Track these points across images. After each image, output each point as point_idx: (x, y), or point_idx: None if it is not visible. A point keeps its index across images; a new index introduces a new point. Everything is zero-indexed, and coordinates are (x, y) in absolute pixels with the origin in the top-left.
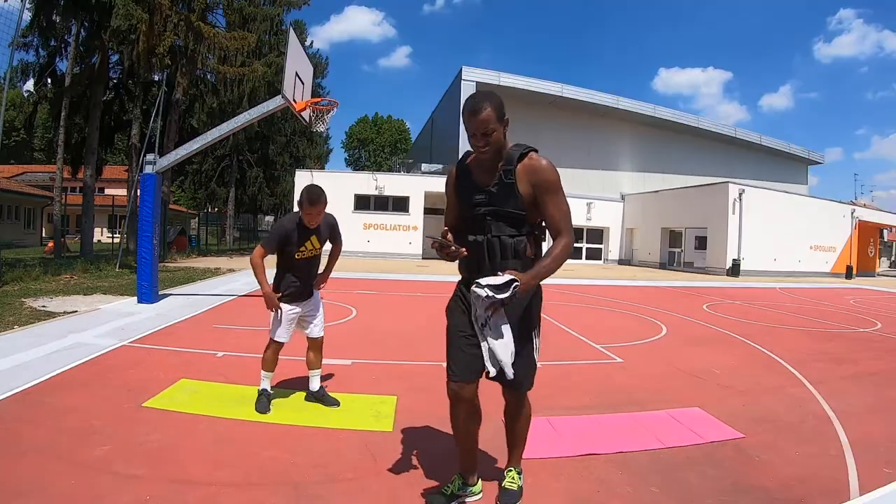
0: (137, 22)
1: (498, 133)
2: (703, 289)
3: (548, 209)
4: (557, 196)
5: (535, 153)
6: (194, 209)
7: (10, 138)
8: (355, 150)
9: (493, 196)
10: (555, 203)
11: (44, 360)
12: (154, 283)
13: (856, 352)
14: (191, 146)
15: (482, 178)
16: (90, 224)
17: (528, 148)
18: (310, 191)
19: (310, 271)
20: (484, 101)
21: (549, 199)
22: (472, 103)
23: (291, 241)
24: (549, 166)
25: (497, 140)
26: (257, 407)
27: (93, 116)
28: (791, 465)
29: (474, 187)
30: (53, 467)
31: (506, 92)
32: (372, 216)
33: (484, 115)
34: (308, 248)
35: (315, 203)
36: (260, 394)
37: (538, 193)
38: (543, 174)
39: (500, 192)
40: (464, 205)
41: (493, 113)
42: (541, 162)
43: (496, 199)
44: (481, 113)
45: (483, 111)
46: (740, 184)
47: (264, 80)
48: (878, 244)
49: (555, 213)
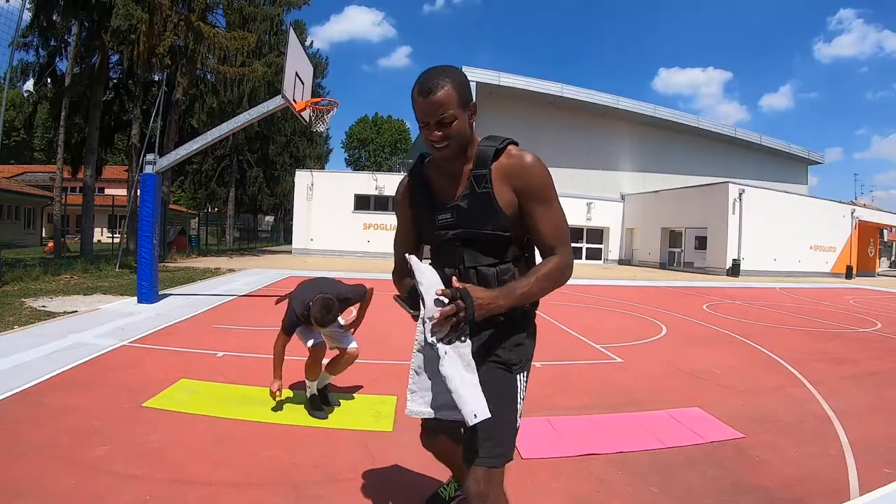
0: (137, 22)
1: (461, 123)
2: (703, 289)
3: (537, 223)
4: (549, 205)
5: (514, 146)
6: (194, 209)
7: (10, 138)
8: (355, 150)
9: (463, 214)
10: (546, 215)
11: (44, 360)
12: (154, 283)
13: (856, 352)
14: (191, 146)
15: (445, 188)
16: (90, 224)
17: (505, 141)
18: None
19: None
20: (440, 78)
21: (539, 210)
22: (422, 81)
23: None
24: (536, 163)
25: (460, 133)
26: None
27: (93, 116)
28: (791, 465)
29: (435, 203)
30: (53, 467)
31: (506, 92)
32: (372, 216)
33: (439, 96)
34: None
35: (323, 324)
36: (310, 398)
37: (523, 202)
38: (529, 175)
39: (471, 208)
40: (424, 228)
41: (452, 93)
42: (524, 158)
43: (467, 217)
44: (436, 92)
45: (438, 90)
46: (740, 184)
47: (264, 80)
48: (878, 244)
49: (546, 227)
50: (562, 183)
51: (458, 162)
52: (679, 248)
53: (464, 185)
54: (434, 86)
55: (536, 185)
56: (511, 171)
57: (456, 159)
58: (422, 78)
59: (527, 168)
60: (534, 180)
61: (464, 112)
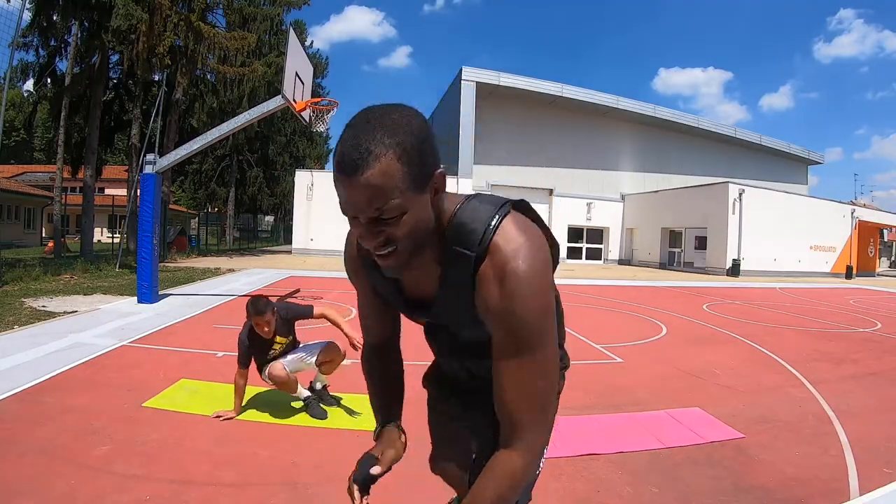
0: (137, 22)
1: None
2: (703, 289)
3: (501, 379)
4: (527, 356)
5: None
6: (194, 209)
7: (10, 138)
8: None
9: (439, 315)
10: (517, 373)
11: (44, 360)
12: (154, 283)
13: (856, 352)
14: (191, 146)
15: (409, 280)
16: (90, 224)
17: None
18: (254, 303)
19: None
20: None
21: (508, 361)
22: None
23: (259, 350)
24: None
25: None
26: (314, 414)
27: (93, 116)
28: (791, 465)
29: (401, 292)
30: (53, 467)
31: (506, 92)
32: None
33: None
34: (277, 349)
35: (261, 314)
36: (305, 403)
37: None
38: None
39: (449, 313)
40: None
41: (395, 168)
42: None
43: (445, 319)
44: (364, 169)
45: (368, 165)
46: (740, 184)
47: (264, 80)
48: (878, 244)
49: (512, 392)
50: (562, 183)
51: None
52: (679, 248)
53: (434, 286)
54: (361, 157)
55: (516, 322)
56: (489, 279)
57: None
58: (345, 137)
59: (510, 287)
60: (514, 312)
61: (419, 194)
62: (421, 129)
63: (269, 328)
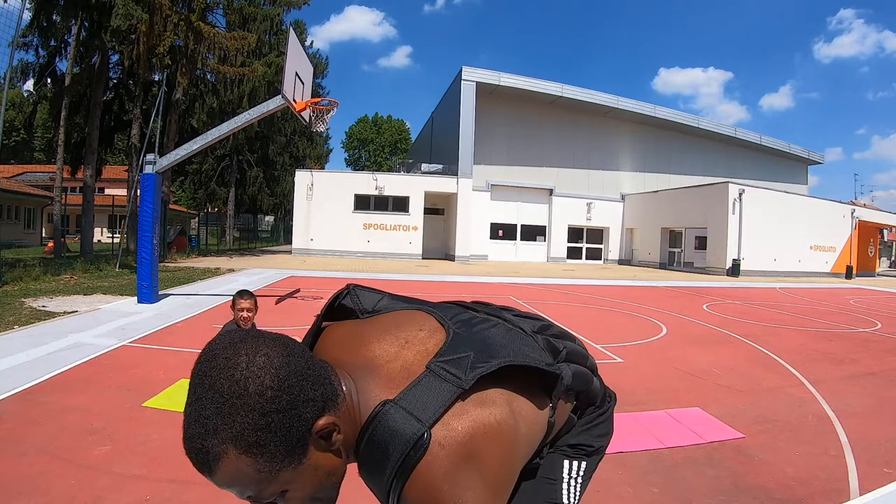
0: (137, 22)
1: (305, 480)
2: (702, 289)
3: None
4: None
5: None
6: (194, 209)
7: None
8: (355, 150)
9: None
10: None
11: (44, 360)
12: (154, 283)
13: (856, 352)
14: (191, 146)
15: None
16: (90, 224)
17: (418, 452)
18: (239, 292)
19: None
20: (203, 441)
21: None
22: (185, 436)
23: None
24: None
25: (312, 491)
26: None
27: (93, 116)
28: (791, 465)
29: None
30: (53, 467)
31: (506, 92)
32: (372, 216)
33: (219, 481)
34: None
35: (242, 296)
36: None
37: None
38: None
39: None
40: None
41: (241, 463)
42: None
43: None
44: (210, 474)
45: (212, 473)
46: (740, 184)
47: (264, 80)
48: (878, 244)
49: None
50: (562, 183)
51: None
52: (679, 248)
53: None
54: (201, 460)
55: None
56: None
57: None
58: (185, 415)
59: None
60: None
61: (297, 465)
62: (269, 394)
63: (248, 314)
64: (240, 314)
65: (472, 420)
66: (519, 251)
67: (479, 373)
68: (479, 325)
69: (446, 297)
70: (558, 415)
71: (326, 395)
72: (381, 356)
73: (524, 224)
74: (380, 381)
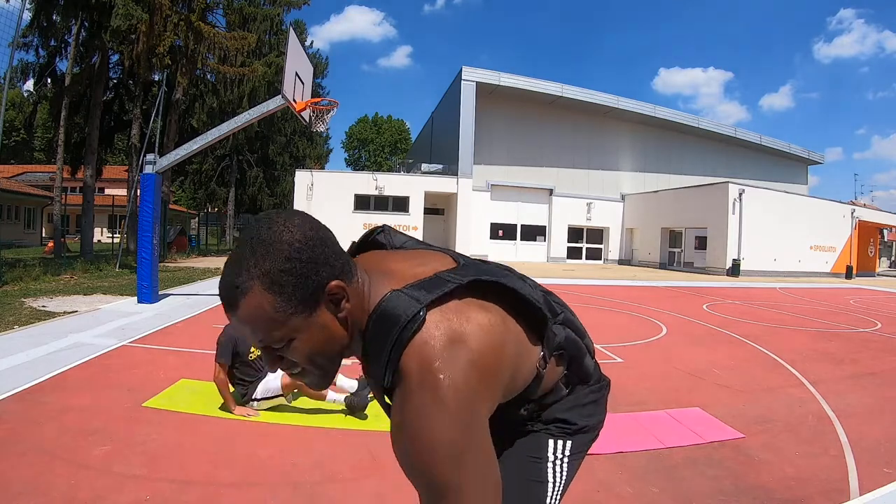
0: (137, 22)
1: (308, 337)
2: (703, 289)
3: None
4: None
5: (437, 330)
6: (194, 209)
7: (10, 138)
8: (355, 150)
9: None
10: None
11: (44, 360)
12: (154, 283)
13: (856, 352)
14: (191, 146)
15: None
16: (90, 224)
17: (434, 302)
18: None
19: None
20: (237, 273)
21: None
22: (222, 275)
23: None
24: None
25: (314, 351)
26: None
27: (93, 116)
28: (791, 465)
29: None
30: (53, 467)
31: (506, 92)
32: (372, 216)
33: (242, 314)
34: (254, 350)
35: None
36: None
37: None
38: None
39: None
40: None
41: (264, 300)
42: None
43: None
44: (235, 305)
45: (237, 301)
46: (740, 184)
47: (264, 80)
48: (878, 244)
49: None
50: (562, 183)
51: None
52: (679, 248)
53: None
54: (230, 293)
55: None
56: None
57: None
58: (225, 262)
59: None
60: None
61: (307, 316)
62: (297, 245)
63: None
64: None
65: (467, 314)
66: (519, 251)
67: (477, 275)
68: (492, 265)
69: None
70: (548, 372)
71: (343, 267)
72: (397, 269)
73: (524, 224)
74: (392, 282)
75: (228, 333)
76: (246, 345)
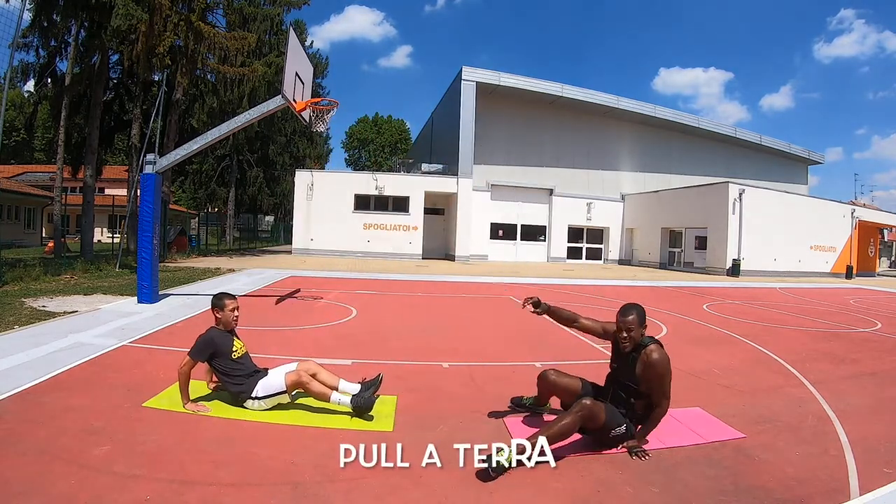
0: (137, 22)
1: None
2: (703, 289)
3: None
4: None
5: (654, 344)
6: (194, 209)
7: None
8: (355, 150)
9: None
10: (659, 388)
11: (44, 360)
12: (154, 283)
13: (856, 352)
14: (191, 146)
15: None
16: (90, 224)
17: (653, 339)
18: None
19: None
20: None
21: (655, 387)
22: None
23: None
24: (659, 362)
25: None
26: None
27: (93, 116)
28: (791, 465)
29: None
30: (53, 467)
31: (506, 92)
32: (372, 216)
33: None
34: (238, 348)
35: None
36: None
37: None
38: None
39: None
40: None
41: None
42: (654, 357)
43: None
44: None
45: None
46: (740, 184)
47: (264, 80)
48: (879, 244)
49: (658, 394)
50: (562, 183)
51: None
52: (679, 248)
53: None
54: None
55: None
56: (643, 361)
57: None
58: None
59: (650, 363)
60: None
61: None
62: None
63: (238, 313)
64: (232, 315)
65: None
66: (519, 251)
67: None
68: None
69: (445, 296)
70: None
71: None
72: None
73: (524, 224)
74: None
75: (211, 336)
76: (227, 346)
